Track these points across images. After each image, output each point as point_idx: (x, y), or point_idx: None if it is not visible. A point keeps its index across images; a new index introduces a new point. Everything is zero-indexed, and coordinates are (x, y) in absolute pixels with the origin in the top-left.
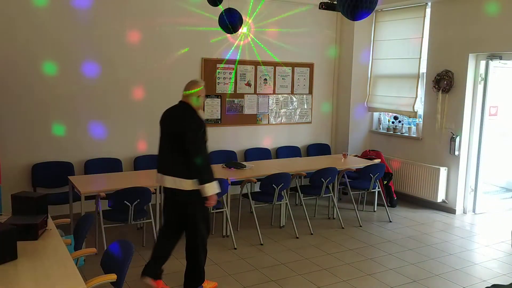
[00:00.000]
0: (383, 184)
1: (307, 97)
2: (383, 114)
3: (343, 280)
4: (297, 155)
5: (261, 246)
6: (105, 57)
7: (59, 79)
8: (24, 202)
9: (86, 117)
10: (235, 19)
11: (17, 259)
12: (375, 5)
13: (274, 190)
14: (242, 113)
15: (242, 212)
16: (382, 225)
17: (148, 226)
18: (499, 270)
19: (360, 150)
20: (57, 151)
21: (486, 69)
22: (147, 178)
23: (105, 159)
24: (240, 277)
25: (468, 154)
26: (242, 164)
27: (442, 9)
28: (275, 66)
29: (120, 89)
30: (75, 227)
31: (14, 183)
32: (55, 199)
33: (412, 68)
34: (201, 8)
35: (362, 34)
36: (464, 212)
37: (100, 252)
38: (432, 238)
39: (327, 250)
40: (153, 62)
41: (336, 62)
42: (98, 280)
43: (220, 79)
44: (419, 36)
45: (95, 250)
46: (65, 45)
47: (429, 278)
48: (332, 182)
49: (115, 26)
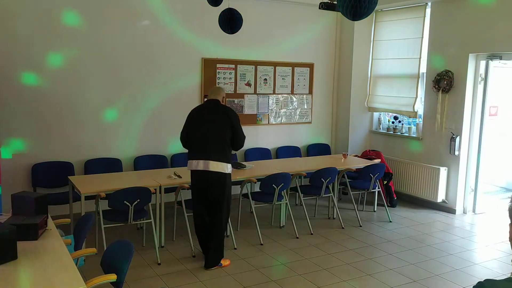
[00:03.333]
0: (383, 184)
1: (307, 97)
2: (383, 114)
3: (343, 280)
4: (297, 155)
5: (261, 246)
6: (105, 55)
7: (59, 78)
8: (24, 202)
9: (86, 117)
10: (235, 19)
11: (17, 259)
12: (375, 5)
13: (274, 190)
14: (242, 113)
15: (242, 212)
16: (382, 225)
17: (148, 226)
18: (499, 270)
19: (360, 150)
20: (57, 151)
21: (486, 69)
22: (147, 178)
23: (105, 159)
24: (240, 277)
25: (468, 154)
26: (242, 164)
27: (442, 9)
28: (275, 66)
29: (120, 89)
30: (75, 227)
31: (14, 183)
32: (55, 199)
33: (412, 68)
34: (201, 8)
35: (362, 34)
36: (464, 212)
37: (100, 252)
38: (432, 238)
39: (327, 250)
40: (154, 62)
41: (336, 62)
42: (98, 280)
43: (220, 79)
44: (419, 36)
45: (95, 250)
46: (66, 44)
47: (429, 278)
48: (332, 182)
49: (116, 25)
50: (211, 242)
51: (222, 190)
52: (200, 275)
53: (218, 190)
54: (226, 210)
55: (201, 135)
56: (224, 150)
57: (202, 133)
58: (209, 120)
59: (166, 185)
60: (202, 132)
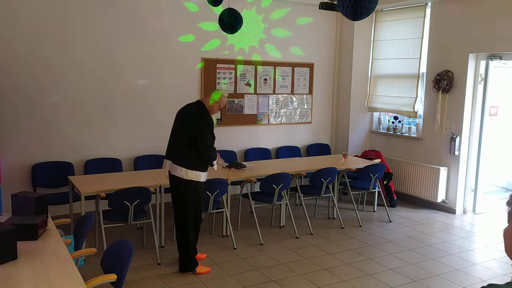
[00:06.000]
0: (383, 184)
1: (307, 97)
2: (383, 114)
3: (343, 280)
4: (297, 155)
5: (261, 246)
6: (105, 55)
7: (58, 79)
8: (24, 202)
9: (87, 117)
10: (235, 19)
11: (17, 259)
12: (375, 5)
13: (274, 190)
14: (242, 113)
15: (242, 212)
16: (382, 225)
17: (148, 226)
18: (499, 270)
19: (360, 150)
20: (57, 151)
21: (486, 69)
22: (147, 178)
23: (105, 159)
24: (240, 277)
25: (468, 154)
26: (242, 164)
27: (442, 9)
28: (275, 66)
29: (120, 89)
30: (75, 227)
31: (14, 183)
32: (55, 199)
33: (412, 68)
34: (201, 8)
35: (362, 34)
36: (464, 212)
37: (100, 252)
38: (432, 238)
39: (327, 250)
40: (154, 62)
41: (336, 62)
42: (98, 280)
43: (220, 79)
44: (419, 36)
45: (95, 250)
46: (66, 44)
47: (429, 278)
48: (332, 182)
49: (117, 25)
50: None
51: (180, 195)
52: (200, 275)
53: (176, 194)
54: (184, 218)
55: (171, 135)
56: (184, 154)
57: (171, 134)
58: (180, 121)
59: (166, 185)
60: (172, 132)
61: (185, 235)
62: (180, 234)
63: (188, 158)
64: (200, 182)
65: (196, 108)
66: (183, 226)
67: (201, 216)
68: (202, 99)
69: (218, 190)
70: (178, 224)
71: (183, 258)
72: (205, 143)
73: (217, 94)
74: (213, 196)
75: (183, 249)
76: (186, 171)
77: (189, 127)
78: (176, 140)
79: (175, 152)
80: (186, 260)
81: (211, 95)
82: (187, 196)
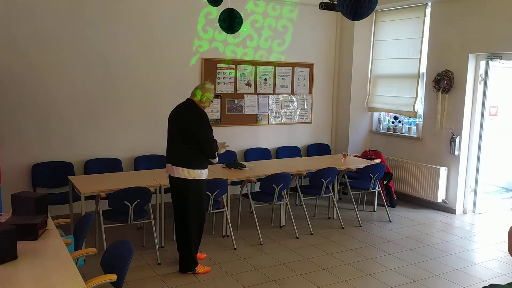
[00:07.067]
0: (383, 184)
1: (307, 97)
2: (383, 114)
3: (343, 280)
4: (297, 155)
5: (261, 246)
6: (105, 55)
7: (58, 79)
8: (24, 202)
9: (86, 117)
10: (235, 19)
11: (17, 259)
12: (375, 5)
13: (274, 190)
14: (242, 113)
15: (242, 212)
16: (382, 225)
17: (148, 226)
18: (499, 270)
19: (360, 150)
20: (57, 151)
21: (486, 69)
22: (147, 178)
23: (105, 159)
24: (240, 277)
25: (468, 154)
26: (242, 164)
27: (442, 9)
28: (275, 66)
29: (121, 89)
30: (75, 227)
31: (14, 183)
32: (55, 199)
33: (412, 68)
34: (201, 8)
35: (362, 34)
36: (464, 212)
37: (100, 252)
38: (432, 238)
39: (327, 250)
40: (154, 62)
41: (336, 62)
42: (98, 280)
43: (220, 79)
44: (419, 36)
45: (95, 250)
46: (66, 44)
47: (429, 278)
48: (332, 182)
49: (114, 27)
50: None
51: (183, 196)
52: (200, 275)
53: (179, 195)
54: (186, 218)
55: (168, 137)
56: (183, 154)
57: (168, 136)
58: (175, 123)
59: (166, 185)
60: (169, 135)
61: (187, 236)
62: (181, 235)
63: (188, 158)
64: (202, 180)
65: (189, 107)
66: (185, 227)
67: (205, 215)
68: (191, 98)
69: (218, 190)
70: (180, 224)
71: (184, 258)
72: (208, 139)
73: (201, 88)
74: (213, 196)
75: (184, 249)
76: (188, 171)
77: (188, 127)
78: (174, 142)
79: (175, 154)
80: (186, 260)
81: (194, 93)
82: (189, 196)
